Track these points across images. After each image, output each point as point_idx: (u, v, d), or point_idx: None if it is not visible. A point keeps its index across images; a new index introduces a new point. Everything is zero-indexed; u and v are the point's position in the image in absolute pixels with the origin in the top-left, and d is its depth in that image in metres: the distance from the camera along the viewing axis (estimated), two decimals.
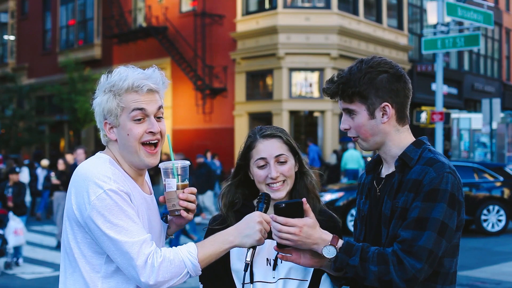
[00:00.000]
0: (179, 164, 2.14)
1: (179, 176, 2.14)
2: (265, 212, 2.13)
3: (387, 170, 2.18)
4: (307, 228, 2.01)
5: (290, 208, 2.04)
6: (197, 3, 24.41)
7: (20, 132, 29.10)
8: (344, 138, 22.80)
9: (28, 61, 33.39)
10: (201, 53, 23.74)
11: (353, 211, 12.17)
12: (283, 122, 21.26)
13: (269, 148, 2.26)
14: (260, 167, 2.26)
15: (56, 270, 9.40)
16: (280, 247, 2.08)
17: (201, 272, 1.99)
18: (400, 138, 2.12)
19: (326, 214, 2.36)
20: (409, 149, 2.08)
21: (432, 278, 2.01)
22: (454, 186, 1.97)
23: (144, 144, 2.06)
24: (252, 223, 2.02)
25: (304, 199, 2.07)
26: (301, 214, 2.04)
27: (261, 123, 22.84)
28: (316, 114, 22.13)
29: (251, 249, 2.05)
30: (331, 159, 19.56)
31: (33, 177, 16.53)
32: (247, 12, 22.99)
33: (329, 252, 2.00)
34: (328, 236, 2.03)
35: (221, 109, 23.32)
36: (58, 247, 10.91)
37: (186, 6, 25.22)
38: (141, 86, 2.02)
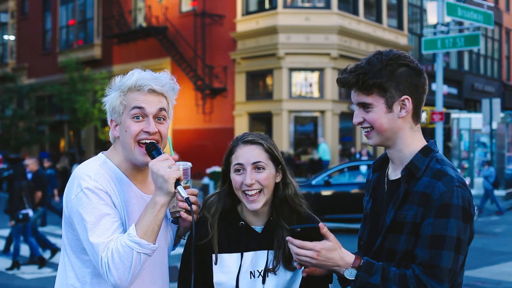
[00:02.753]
0: (181, 165, 2.11)
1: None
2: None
3: (393, 173, 2.12)
4: (326, 251, 1.96)
5: (306, 232, 2.00)
6: (197, 3, 24.39)
7: (20, 132, 29.10)
8: (344, 138, 22.82)
9: (28, 61, 33.39)
10: (201, 53, 23.74)
11: None
12: (283, 122, 21.26)
13: (247, 154, 2.20)
14: (237, 173, 2.20)
15: (56, 270, 9.40)
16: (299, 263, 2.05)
17: (153, 245, 1.94)
18: (413, 138, 2.07)
19: (306, 218, 2.29)
20: (417, 157, 2.02)
21: None
22: (465, 200, 1.92)
23: (140, 143, 2.07)
24: (153, 174, 1.96)
25: (321, 224, 2.01)
26: (319, 237, 1.99)
27: (261, 123, 22.90)
28: (316, 114, 22.13)
29: (178, 186, 1.97)
30: (314, 154, 19.95)
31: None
32: (247, 12, 22.98)
33: (351, 274, 1.96)
34: (350, 258, 1.98)
35: (221, 109, 23.32)
36: None
37: (186, 6, 25.21)
38: (143, 85, 2.05)
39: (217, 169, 22.01)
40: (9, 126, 28.89)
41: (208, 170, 21.44)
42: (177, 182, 1.97)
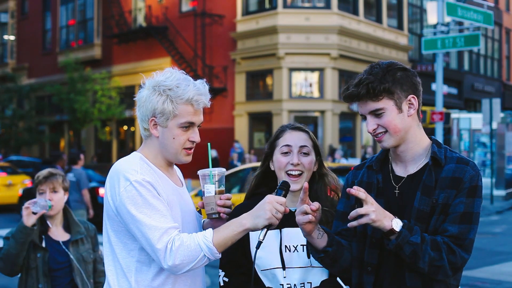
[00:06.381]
0: (216, 171, 2.32)
1: (216, 183, 2.31)
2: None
3: (403, 169, 2.28)
4: (375, 203, 2.08)
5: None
6: (197, 3, 24.40)
7: (20, 132, 29.10)
8: (344, 138, 22.82)
9: (28, 61, 33.38)
10: (201, 53, 23.74)
11: None
12: (283, 122, 21.26)
13: (295, 137, 2.45)
14: (284, 154, 2.43)
15: None
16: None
17: (219, 255, 2.12)
18: (421, 135, 2.27)
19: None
20: (435, 149, 2.23)
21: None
22: (482, 181, 2.20)
23: (185, 148, 2.31)
24: (262, 204, 2.13)
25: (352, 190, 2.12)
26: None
27: (261, 123, 22.90)
28: (316, 114, 22.13)
29: (265, 229, 2.13)
30: None
31: None
32: (247, 12, 22.99)
33: (397, 225, 2.07)
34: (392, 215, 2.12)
35: (221, 109, 23.31)
36: None
37: (186, 6, 25.21)
38: (199, 102, 2.27)
39: None
40: (9, 126, 28.88)
41: None
42: (268, 226, 2.12)
